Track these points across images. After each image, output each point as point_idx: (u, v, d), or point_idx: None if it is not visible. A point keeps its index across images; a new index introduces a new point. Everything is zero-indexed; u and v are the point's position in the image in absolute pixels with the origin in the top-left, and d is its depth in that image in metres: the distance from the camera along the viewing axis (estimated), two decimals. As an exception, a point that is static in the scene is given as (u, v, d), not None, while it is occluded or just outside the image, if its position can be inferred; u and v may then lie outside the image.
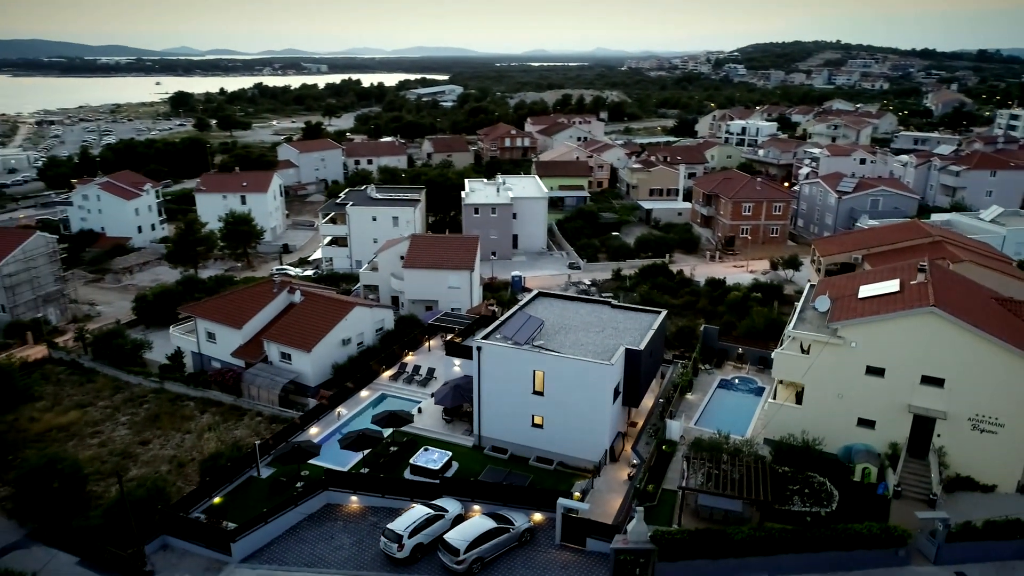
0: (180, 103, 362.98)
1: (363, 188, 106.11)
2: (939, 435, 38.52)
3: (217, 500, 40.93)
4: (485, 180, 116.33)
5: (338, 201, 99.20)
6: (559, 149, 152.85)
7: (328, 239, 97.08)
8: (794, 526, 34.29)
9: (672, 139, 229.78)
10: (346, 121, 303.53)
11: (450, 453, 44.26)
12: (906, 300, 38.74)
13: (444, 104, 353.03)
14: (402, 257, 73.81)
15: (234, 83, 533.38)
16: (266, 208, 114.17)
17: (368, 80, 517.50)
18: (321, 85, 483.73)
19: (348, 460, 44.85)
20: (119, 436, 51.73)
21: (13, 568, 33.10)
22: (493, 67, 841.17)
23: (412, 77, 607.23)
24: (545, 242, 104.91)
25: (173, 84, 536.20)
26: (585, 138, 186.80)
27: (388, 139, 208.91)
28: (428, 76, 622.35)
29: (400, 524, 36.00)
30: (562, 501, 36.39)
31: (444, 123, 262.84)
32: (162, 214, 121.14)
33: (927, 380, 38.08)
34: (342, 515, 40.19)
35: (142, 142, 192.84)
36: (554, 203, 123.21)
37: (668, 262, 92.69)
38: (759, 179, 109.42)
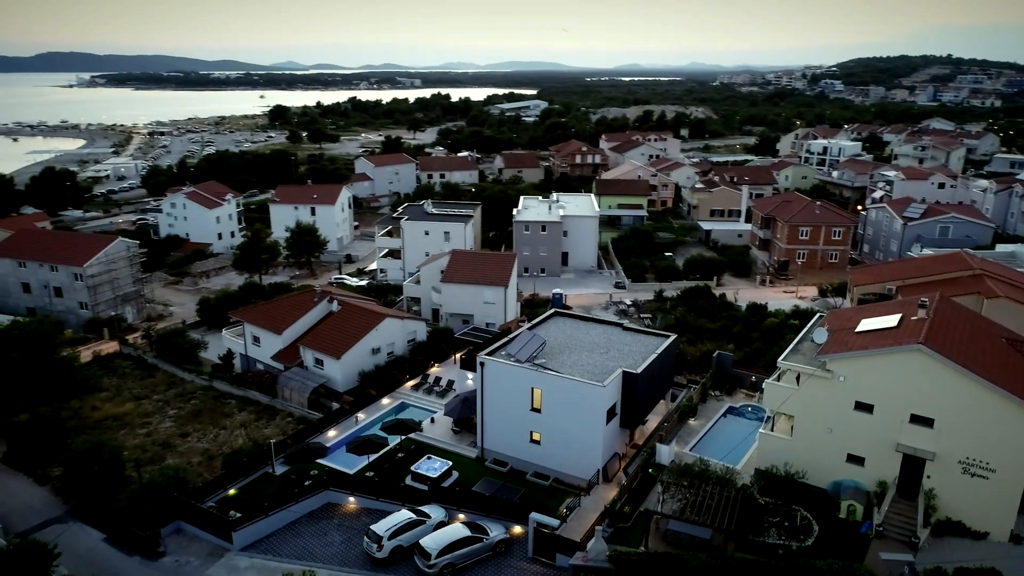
0: (278, 116, 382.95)
1: (421, 203, 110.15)
2: (928, 476, 37.52)
3: (232, 492, 44.55)
4: (540, 197, 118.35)
5: (395, 215, 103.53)
6: (623, 167, 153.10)
7: (384, 251, 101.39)
8: (765, 558, 34.38)
9: (749, 158, 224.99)
10: (429, 135, 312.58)
11: (450, 462, 46.29)
12: (898, 336, 38.01)
13: (526, 119, 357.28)
14: (442, 271, 76.71)
15: (332, 97, 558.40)
16: (333, 219, 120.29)
17: (457, 95, 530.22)
18: (412, 99, 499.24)
19: (356, 463, 47.60)
20: (164, 428, 56.66)
21: (40, 539, 37.36)
22: (582, 82, 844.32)
23: (500, 92, 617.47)
24: (595, 260, 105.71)
25: (276, 97, 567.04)
26: (657, 156, 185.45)
27: (463, 154, 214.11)
28: (516, 91, 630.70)
29: (381, 526, 38.35)
30: (534, 516, 37.79)
31: (523, 138, 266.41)
32: (241, 222, 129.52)
33: (916, 419, 37.18)
34: (339, 514, 42.98)
35: (235, 153, 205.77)
36: (611, 221, 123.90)
37: (715, 285, 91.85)
38: (819, 202, 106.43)
